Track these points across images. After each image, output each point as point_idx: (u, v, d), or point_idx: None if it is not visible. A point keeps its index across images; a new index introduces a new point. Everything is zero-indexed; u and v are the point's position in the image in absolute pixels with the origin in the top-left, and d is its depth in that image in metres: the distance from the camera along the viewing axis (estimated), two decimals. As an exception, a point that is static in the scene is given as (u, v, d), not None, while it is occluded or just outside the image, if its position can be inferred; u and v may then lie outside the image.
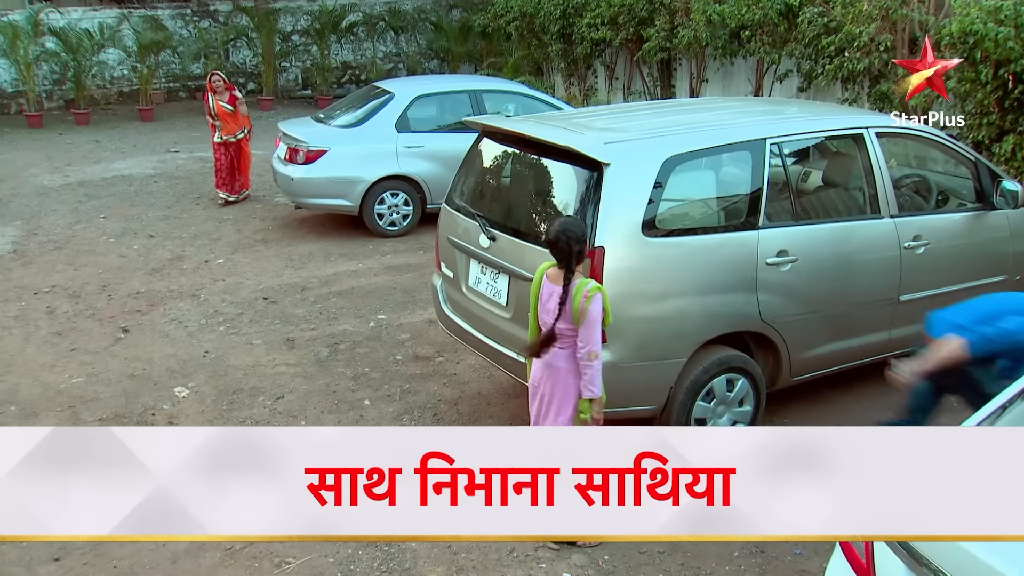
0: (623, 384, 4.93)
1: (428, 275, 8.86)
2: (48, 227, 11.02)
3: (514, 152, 5.65)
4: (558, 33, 16.60)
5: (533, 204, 5.40)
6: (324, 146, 10.26)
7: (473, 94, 10.95)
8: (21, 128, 18.23)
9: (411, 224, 10.67)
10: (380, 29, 23.20)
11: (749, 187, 5.22)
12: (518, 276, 5.20)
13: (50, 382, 6.75)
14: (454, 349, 7.24)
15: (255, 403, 6.38)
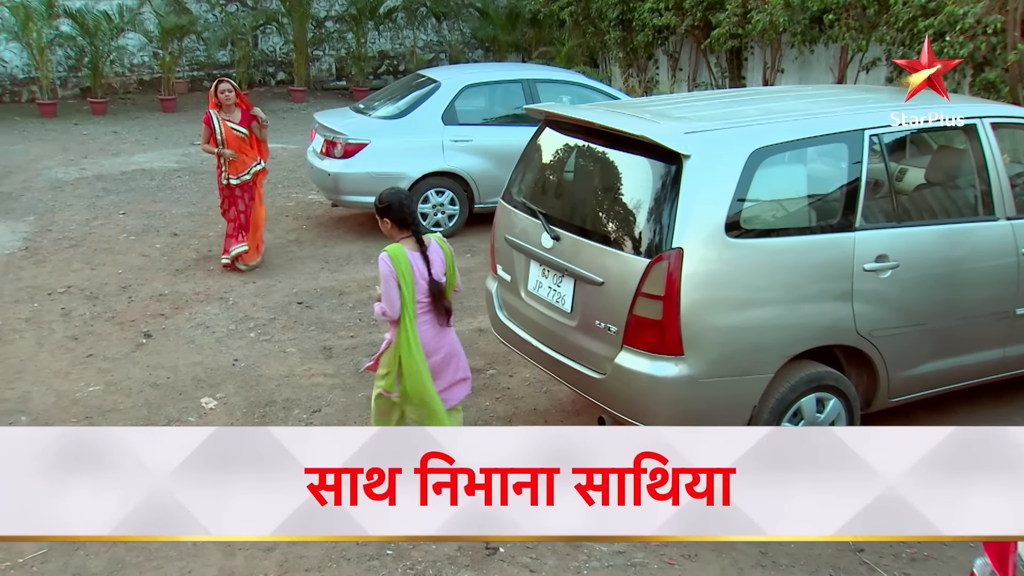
0: (699, 402, 4.84)
1: (477, 280, 8.84)
2: (63, 223, 11.13)
3: (580, 143, 5.59)
4: (617, 19, 16.55)
5: (602, 200, 5.33)
6: (364, 139, 10.27)
7: (526, 83, 10.93)
8: (34, 117, 18.53)
9: (457, 225, 10.66)
10: (421, 15, 23.28)
11: (845, 183, 5.11)
12: (584, 280, 5.13)
13: (65, 390, 6.78)
14: (506, 361, 7.18)
15: (289, 416, 6.36)
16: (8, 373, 7.05)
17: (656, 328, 4.77)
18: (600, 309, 5.06)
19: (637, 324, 4.84)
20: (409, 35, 23.85)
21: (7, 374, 7.03)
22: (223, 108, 8.94)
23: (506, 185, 6.14)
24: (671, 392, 4.82)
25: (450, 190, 10.56)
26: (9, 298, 8.64)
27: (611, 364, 4.99)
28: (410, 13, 23.15)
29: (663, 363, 4.79)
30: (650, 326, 4.79)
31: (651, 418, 4.91)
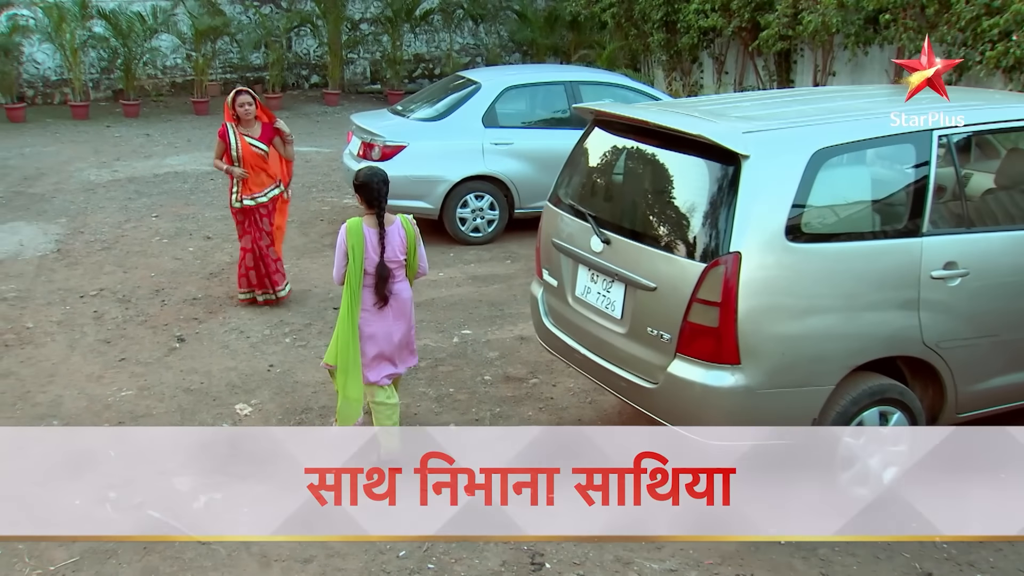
0: (756, 413, 4.73)
1: (517, 287, 8.81)
2: (95, 225, 11.20)
3: (632, 143, 5.50)
4: (661, 21, 16.47)
5: (655, 203, 5.24)
6: (402, 141, 10.25)
7: (569, 85, 10.87)
8: (66, 119, 18.74)
9: (497, 231, 10.61)
10: (458, 18, 23.31)
11: (911, 186, 4.98)
12: (636, 285, 5.04)
13: (97, 394, 6.77)
14: (549, 370, 7.12)
15: (326, 425, 6.30)
16: (40, 376, 7.06)
17: (712, 336, 4.67)
18: (652, 316, 4.97)
19: (692, 331, 4.74)
20: (445, 38, 23.91)
21: (39, 377, 7.04)
22: (241, 122, 8.04)
23: (553, 187, 6.07)
24: (727, 403, 4.71)
25: (490, 195, 10.51)
26: (41, 300, 8.67)
27: (663, 373, 4.90)
28: (446, 15, 23.21)
29: (719, 372, 4.69)
30: (705, 334, 4.69)
31: (704, 430, 4.81)
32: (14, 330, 7.95)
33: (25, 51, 19.80)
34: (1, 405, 6.59)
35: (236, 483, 5.55)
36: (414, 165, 10.22)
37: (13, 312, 8.36)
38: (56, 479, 5.56)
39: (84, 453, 5.84)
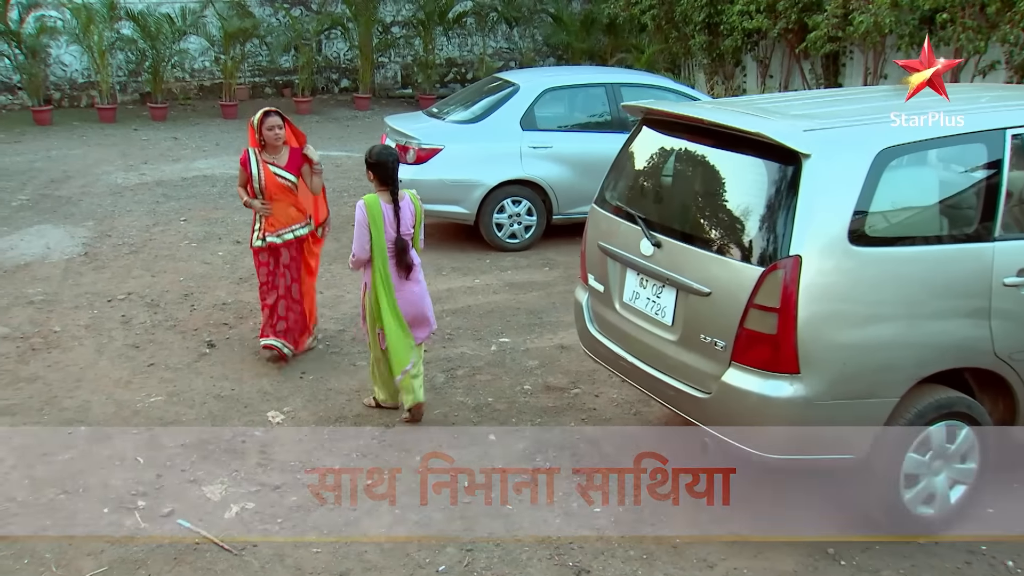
0: (818, 425, 4.59)
1: (556, 295, 8.72)
2: (123, 229, 11.22)
3: (684, 143, 5.40)
4: (703, 23, 16.36)
5: (709, 204, 5.13)
6: (438, 144, 10.18)
7: (610, 87, 10.78)
8: (92, 122, 18.86)
9: (534, 237, 10.54)
10: (492, 21, 23.27)
11: (982, 188, 4.84)
12: (688, 290, 4.93)
13: (125, 400, 6.74)
14: (591, 380, 7.03)
15: (361, 433, 6.25)
16: (67, 381, 7.04)
17: (770, 343, 4.55)
18: (706, 322, 4.85)
19: (748, 339, 4.62)
20: (478, 41, 23.91)
21: (66, 382, 7.03)
22: (267, 147, 7.05)
23: (599, 188, 5.97)
24: (784, 414, 4.58)
25: (527, 200, 10.44)
26: (68, 304, 8.67)
27: (717, 382, 4.78)
28: (480, 18, 23.18)
29: (776, 382, 4.57)
30: (763, 341, 4.57)
31: (761, 442, 4.70)
32: (41, 334, 7.94)
33: (52, 53, 19.97)
34: (28, 410, 6.56)
35: (269, 491, 5.51)
36: (450, 169, 10.16)
37: (40, 316, 8.36)
38: (83, 486, 5.55)
39: (112, 459, 5.84)
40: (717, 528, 5.13)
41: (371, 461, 5.86)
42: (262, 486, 5.57)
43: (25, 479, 5.62)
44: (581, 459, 5.90)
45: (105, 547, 4.98)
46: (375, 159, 6.07)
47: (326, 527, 5.17)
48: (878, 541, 4.97)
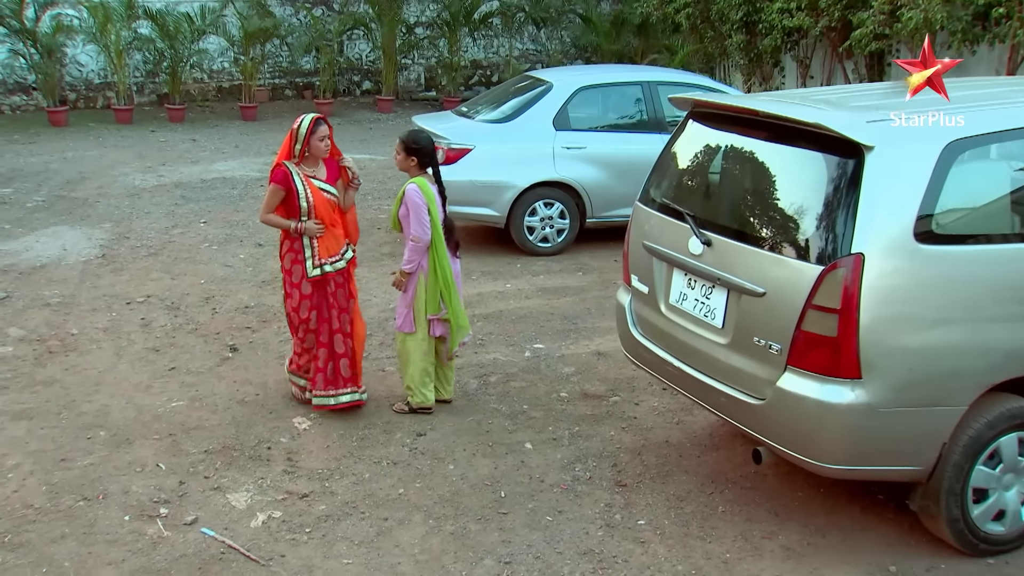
0: (878, 434, 4.47)
1: (591, 300, 8.63)
2: (141, 231, 11.20)
3: (734, 136, 5.28)
4: (740, 21, 16.25)
5: (764, 200, 5.00)
6: (468, 144, 10.09)
7: (646, 86, 10.68)
8: (108, 123, 18.93)
9: (567, 241, 10.45)
10: (519, 22, 23.21)
11: (1057, 183, 4.70)
12: (741, 290, 4.81)
13: (146, 405, 6.67)
14: (631, 387, 6.93)
15: (391, 440, 6.16)
16: (86, 385, 6.98)
17: (829, 346, 4.42)
18: (760, 324, 4.73)
19: (806, 341, 4.49)
20: (504, 43, 23.88)
21: (84, 385, 6.97)
22: (307, 160, 6.34)
23: (644, 185, 5.86)
24: (845, 421, 4.45)
25: (560, 202, 10.34)
26: (86, 306, 8.63)
27: (772, 388, 4.65)
28: (507, 19, 23.12)
29: (836, 387, 4.43)
30: (822, 344, 4.44)
31: (819, 451, 4.56)
32: (58, 336, 7.90)
33: (68, 52, 20.04)
34: (45, 414, 6.50)
35: (297, 500, 5.43)
36: (480, 169, 10.06)
37: (57, 318, 8.31)
38: (104, 492, 5.47)
39: (133, 465, 5.76)
40: (770, 543, 5.01)
41: (402, 470, 5.78)
42: (289, 494, 5.48)
43: (43, 485, 5.55)
44: (623, 469, 5.79)
45: (126, 556, 4.90)
46: (420, 144, 6.32)
47: (357, 537, 5.07)
48: (944, 560, 4.82)
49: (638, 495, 5.48)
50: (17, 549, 4.94)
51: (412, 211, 6.18)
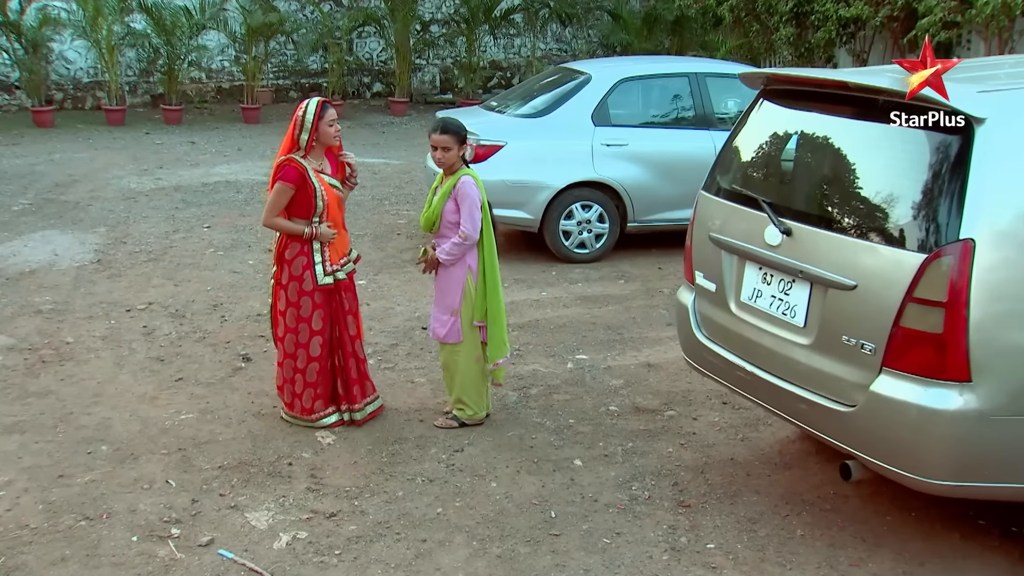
0: (991, 446, 4.27)
1: (636, 309, 8.53)
2: (139, 235, 11.13)
3: (816, 114, 5.12)
4: (790, 13, 16.14)
5: (852, 183, 4.83)
6: (499, 140, 9.95)
7: (693, 78, 10.56)
8: (99, 124, 18.93)
9: (606, 247, 10.33)
10: (543, 18, 23.13)
11: None
12: (827, 283, 4.64)
13: (151, 417, 6.54)
14: (687, 401, 6.80)
15: (425, 456, 6.00)
16: (84, 396, 6.85)
17: (933, 345, 4.24)
18: (849, 321, 4.55)
19: (905, 339, 4.31)
20: (525, 42, 23.81)
21: (82, 397, 6.84)
22: (313, 151, 6.13)
23: (709, 172, 5.72)
24: (952, 431, 4.26)
25: (599, 204, 10.20)
26: (81, 314, 8.52)
27: (864, 393, 4.47)
28: (530, 16, 23.03)
29: (942, 391, 4.25)
30: (925, 342, 4.26)
31: (921, 465, 4.36)
32: (52, 345, 7.77)
33: (55, 48, 20.02)
34: (39, 427, 6.36)
35: (323, 519, 5.27)
36: (512, 168, 9.91)
37: (50, 326, 8.20)
38: (107, 511, 5.32)
39: (140, 482, 5.61)
40: (859, 571, 4.82)
41: (439, 487, 5.62)
42: (315, 513, 5.32)
43: (39, 504, 5.40)
44: (685, 489, 5.62)
45: (136, 579, 4.74)
46: (467, 130, 6.28)
47: (393, 560, 4.90)
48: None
49: (704, 516, 5.31)
50: (12, 572, 4.78)
51: (466, 205, 6.05)
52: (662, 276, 9.86)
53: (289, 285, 6.24)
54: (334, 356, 6.38)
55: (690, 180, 9.88)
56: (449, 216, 6.13)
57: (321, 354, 6.31)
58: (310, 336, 6.27)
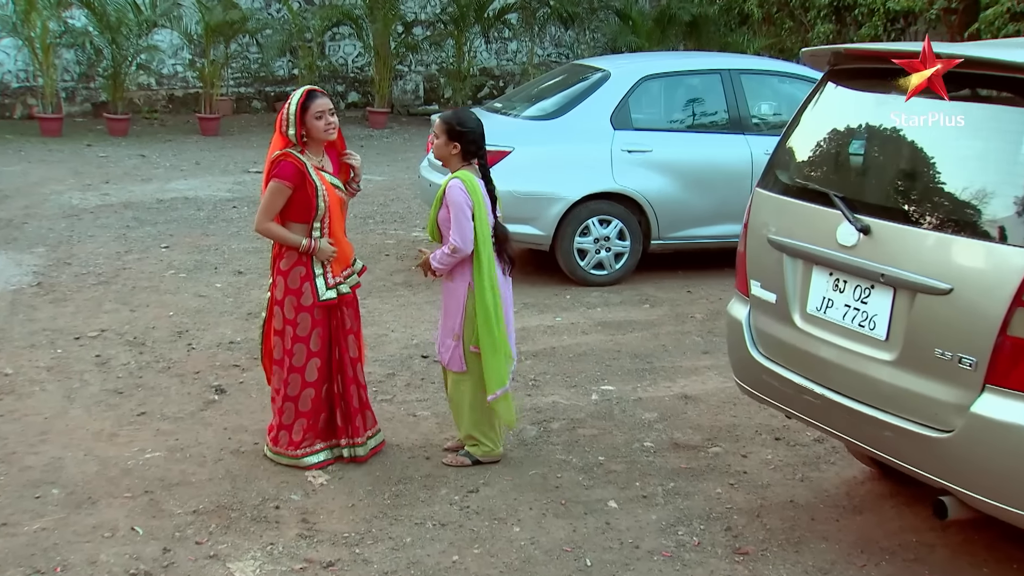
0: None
1: (666, 337, 8.54)
2: (85, 256, 11.05)
3: (893, 96, 5.05)
4: (829, 7, 16.19)
5: (941, 172, 4.77)
6: (505, 145, 9.86)
7: (726, 75, 10.57)
8: (31, 135, 18.87)
9: (627, 267, 10.30)
10: (542, 18, 23.18)
11: None
12: (915, 288, 4.56)
13: (111, 457, 6.41)
14: (733, 436, 6.78)
15: (435, 497, 5.90)
16: (28, 433, 6.71)
17: (1049, 358, 4.16)
18: (943, 331, 4.47)
19: (1014, 351, 4.22)
20: (520, 48, 23.85)
21: (27, 435, 6.70)
22: (309, 145, 5.94)
23: (766, 168, 5.67)
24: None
25: (619, 219, 10.15)
26: (21, 342, 8.39)
27: (963, 415, 4.37)
28: (527, 15, 23.06)
29: (1062, 414, 4.17)
30: (1038, 354, 4.18)
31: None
32: (-14, 377, 7.66)
33: (-24, 47, 19.94)
34: (-26, 469, 6.23)
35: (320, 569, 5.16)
36: (520, 178, 9.77)
37: (-17, 356, 8.09)
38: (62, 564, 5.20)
39: (99, 530, 5.49)
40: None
41: (453, 532, 5.51)
42: (309, 563, 5.21)
43: (-22, 556, 5.27)
44: (740, 534, 5.53)
45: (102, 641, 4.61)
46: (466, 127, 5.99)
47: (404, 616, 4.79)
48: None
49: (766, 565, 5.21)
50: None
51: (452, 213, 5.90)
52: (692, 300, 9.81)
53: (285, 300, 6.10)
54: (333, 382, 6.28)
55: (723, 192, 9.98)
56: (443, 224, 6.08)
57: (318, 379, 6.20)
58: (307, 358, 6.13)
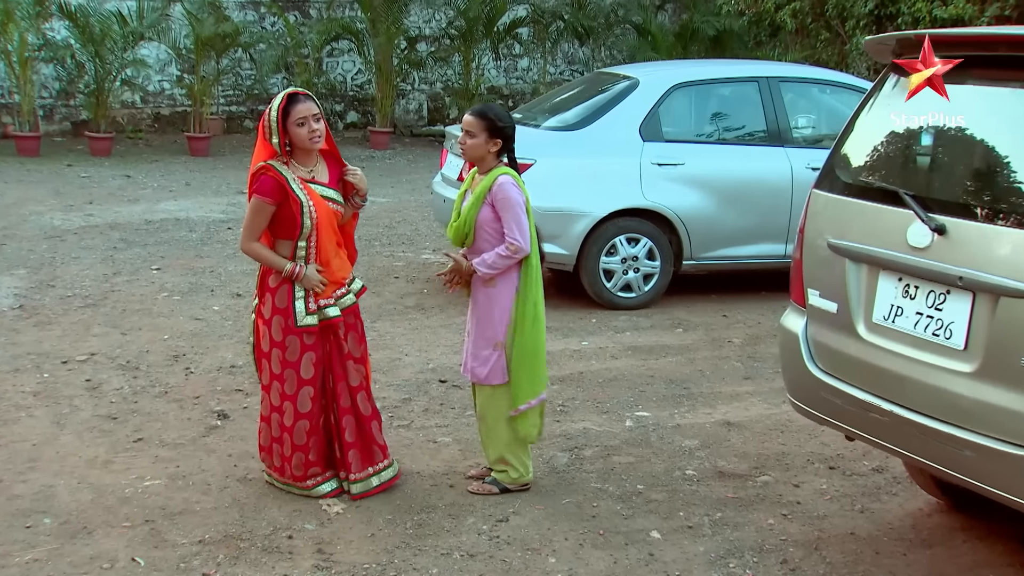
0: None
1: (702, 361, 8.59)
2: (70, 278, 11.07)
3: (969, 85, 5.03)
4: (869, 16, 16.20)
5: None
6: (527, 157, 9.78)
7: (764, 83, 10.56)
8: (7, 155, 18.94)
9: (657, 290, 10.31)
10: (555, 33, 23.23)
11: None
12: (997, 292, 4.49)
13: (106, 484, 6.37)
14: (783, 465, 6.78)
15: (461, 527, 5.87)
16: (16, 460, 6.67)
17: None
18: (1031, 337, 4.41)
19: (1109, 357, 4.18)
20: (532, 66, 23.89)
21: (14, 461, 6.66)
22: (296, 156, 5.80)
23: (824, 167, 5.63)
24: None
25: (649, 238, 10.14)
26: (4, 367, 8.37)
27: (1054, 430, 4.32)
28: (540, 29, 23.11)
29: None
30: None
31: None
32: (-33, 404, 7.63)
33: (-51, 62, 19.95)
34: (-40, 499, 6.19)
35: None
36: (542, 192, 9.60)
37: (-38, 382, 8.06)
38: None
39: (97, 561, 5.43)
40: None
41: (484, 564, 5.47)
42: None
43: (-35, 591, 5.23)
44: (797, 567, 5.49)
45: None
46: (506, 122, 5.98)
47: (435, 654, 4.73)
48: None
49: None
50: None
51: (510, 210, 5.84)
52: (728, 324, 9.79)
53: (273, 320, 5.97)
54: (330, 412, 6.20)
55: (761, 209, 9.97)
56: (487, 225, 5.98)
57: (312, 410, 6.08)
58: (298, 386, 6.01)
